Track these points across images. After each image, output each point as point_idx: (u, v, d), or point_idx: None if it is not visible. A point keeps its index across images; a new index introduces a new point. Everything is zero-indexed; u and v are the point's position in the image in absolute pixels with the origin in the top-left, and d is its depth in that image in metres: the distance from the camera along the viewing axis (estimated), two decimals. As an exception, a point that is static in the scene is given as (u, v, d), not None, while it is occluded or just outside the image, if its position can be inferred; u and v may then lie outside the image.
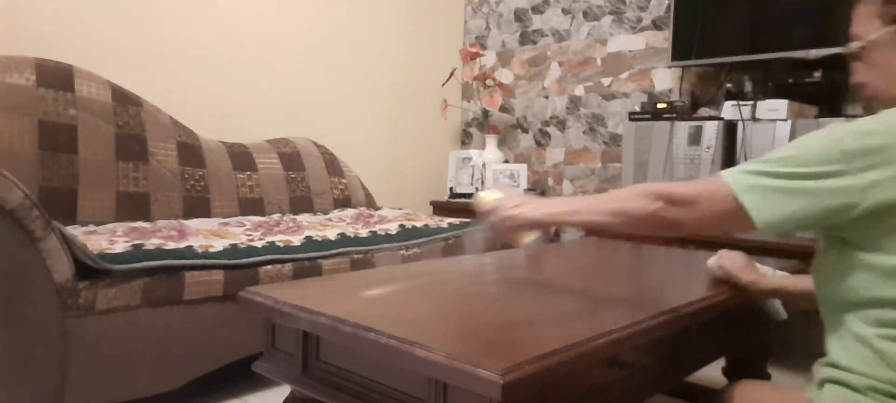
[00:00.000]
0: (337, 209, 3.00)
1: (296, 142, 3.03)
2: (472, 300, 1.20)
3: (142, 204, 2.36)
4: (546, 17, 3.63)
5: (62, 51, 2.35)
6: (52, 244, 1.50)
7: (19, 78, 2.13)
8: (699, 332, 1.33)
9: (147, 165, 2.40)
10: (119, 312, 1.62)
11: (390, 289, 1.26)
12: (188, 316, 1.76)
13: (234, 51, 2.92)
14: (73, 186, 2.19)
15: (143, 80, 2.58)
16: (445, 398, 0.91)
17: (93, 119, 2.28)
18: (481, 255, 1.75)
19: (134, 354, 1.66)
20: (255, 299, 1.19)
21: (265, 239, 2.04)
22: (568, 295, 1.25)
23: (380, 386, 1.01)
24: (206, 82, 2.83)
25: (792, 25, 2.51)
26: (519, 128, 3.77)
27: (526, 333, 0.98)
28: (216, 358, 1.84)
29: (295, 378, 1.16)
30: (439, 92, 3.71)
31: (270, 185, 2.82)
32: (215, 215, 2.58)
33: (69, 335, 1.53)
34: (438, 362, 0.85)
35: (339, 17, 3.32)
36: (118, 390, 1.64)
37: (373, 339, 0.95)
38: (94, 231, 1.97)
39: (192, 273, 1.75)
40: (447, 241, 2.49)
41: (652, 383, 1.20)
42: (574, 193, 3.51)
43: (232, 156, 2.74)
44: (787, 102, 2.33)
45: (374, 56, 3.50)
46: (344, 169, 3.17)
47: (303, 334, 1.14)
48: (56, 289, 1.51)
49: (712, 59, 2.76)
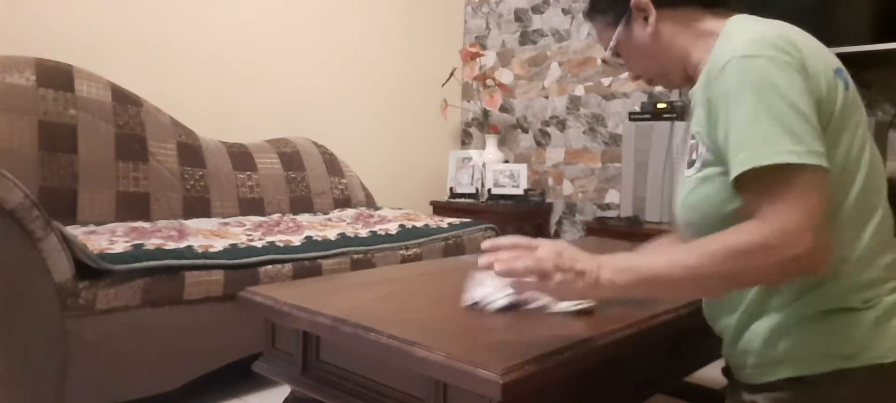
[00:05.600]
0: (337, 209, 3.00)
1: (296, 142, 3.03)
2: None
3: (142, 204, 2.36)
4: (546, 17, 3.63)
5: (62, 51, 2.35)
6: (52, 244, 1.50)
7: (19, 78, 2.13)
8: (699, 332, 1.33)
9: (147, 165, 2.40)
10: (119, 312, 1.62)
11: (390, 289, 1.26)
12: (188, 316, 1.76)
13: (235, 51, 2.92)
14: (73, 186, 2.19)
15: (143, 80, 2.58)
16: (445, 398, 0.91)
17: (93, 119, 2.28)
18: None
19: (134, 354, 1.65)
20: (255, 299, 1.19)
21: (265, 239, 2.04)
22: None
23: (380, 386, 1.01)
24: (206, 82, 2.83)
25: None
26: (519, 128, 3.77)
27: (526, 333, 0.98)
28: (216, 358, 1.84)
29: (295, 378, 1.16)
30: (439, 92, 3.71)
31: (270, 185, 2.82)
32: (215, 215, 2.57)
33: (69, 335, 1.53)
34: (438, 362, 0.85)
35: (340, 17, 3.32)
36: (118, 390, 1.64)
37: (373, 339, 0.95)
38: (94, 231, 1.97)
39: (192, 273, 1.75)
40: (447, 241, 2.48)
41: (652, 383, 1.20)
42: (574, 193, 3.51)
43: (232, 156, 2.74)
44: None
45: (374, 56, 3.50)
46: (344, 169, 3.17)
47: (303, 334, 1.14)
48: (56, 289, 1.51)
49: (712, 59, 2.75)
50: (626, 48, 1.07)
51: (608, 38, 1.08)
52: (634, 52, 1.07)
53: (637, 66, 1.10)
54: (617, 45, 1.07)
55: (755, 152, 0.80)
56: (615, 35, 1.06)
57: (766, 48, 0.83)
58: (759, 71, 0.82)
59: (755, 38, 0.85)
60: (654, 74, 1.09)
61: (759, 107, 0.81)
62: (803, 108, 0.81)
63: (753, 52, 0.83)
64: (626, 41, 1.06)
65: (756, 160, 0.79)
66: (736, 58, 0.84)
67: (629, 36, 1.05)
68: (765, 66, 0.82)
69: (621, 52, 1.08)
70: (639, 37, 1.04)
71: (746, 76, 0.82)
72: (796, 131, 0.79)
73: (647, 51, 1.04)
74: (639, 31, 1.03)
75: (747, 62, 0.83)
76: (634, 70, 1.11)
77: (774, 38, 0.85)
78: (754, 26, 0.90)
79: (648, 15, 1.02)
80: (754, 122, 0.80)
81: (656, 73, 1.09)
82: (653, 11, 1.01)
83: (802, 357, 0.88)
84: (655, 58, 1.05)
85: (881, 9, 2.33)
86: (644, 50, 1.05)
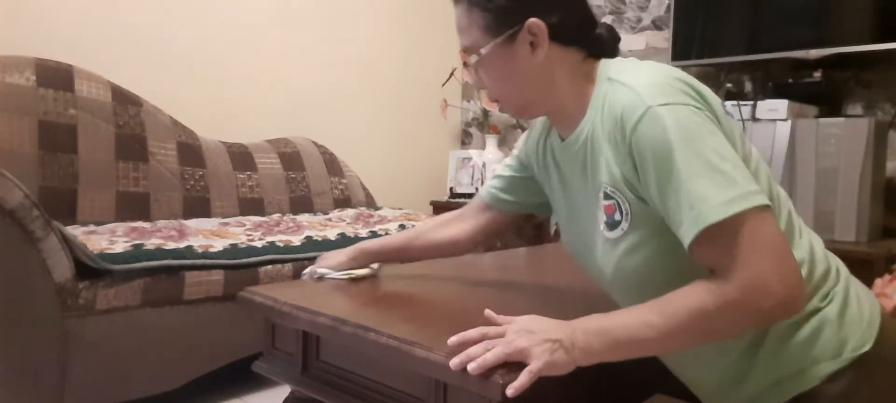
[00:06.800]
0: (337, 209, 2.99)
1: (296, 142, 3.03)
2: (471, 300, 1.20)
3: (142, 204, 2.36)
4: (546, 17, 3.62)
5: (62, 51, 2.35)
6: (52, 244, 1.50)
7: (19, 78, 2.13)
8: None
9: (147, 165, 2.40)
10: (119, 312, 1.62)
11: (390, 289, 1.26)
12: (188, 316, 1.76)
13: (234, 51, 2.92)
14: (73, 186, 2.19)
15: (143, 80, 2.58)
16: (445, 398, 0.91)
17: (93, 119, 2.28)
18: (481, 255, 1.75)
19: (134, 354, 1.66)
20: (255, 299, 1.19)
21: (265, 239, 2.04)
22: (568, 294, 1.25)
23: (380, 386, 1.01)
24: (206, 82, 2.83)
25: (792, 25, 2.50)
26: (519, 128, 3.77)
27: (526, 333, 0.98)
28: (216, 358, 1.84)
29: (295, 378, 1.16)
30: (439, 92, 3.71)
31: (270, 185, 2.82)
32: (215, 215, 2.57)
33: (69, 335, 1.53)
34: (438, 362, 0.85)
35: (340, 17, 3.32)
36: (118, 390, 1.64)
37: (373, 339, 0.95)
38: (94, 231, 1.97)
39: (192, 273, 1.75)
40: (447, 241, 2.48)
41: (652, 382, 1.20)
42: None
43: (232, 156, 2.74)
44: (786, 102, 2.32)
45: (374, 56, 3.50)
46: (344, 169, 3.17)
47: (303, 334, 1.14)
48: (56, 289, 1.51)
49: (712, 59, 2.75)
50: (495, 64, 0.94)
51: (478, 39, 0.94)
52: (504, 73, 0.95)
53: (499, 88, 0.98)
54: (487, 55, 0.93)
55: (703, 210, 0.76)
56: (491, 45, 0.93)
57: (676, 94, 0.81)
58: (681, 121, 0.79)
59: (656, 84, 0.82)
60: (515, 102, 0.99)
61: (694, 161, 0.77)
62: (728, 152, 0.79)
63: (667, 100, 0.80)
64: (498, 57, 0.93)
65: (706, 218, 0.75)
66: (653, 107, 0.79)
67: (506, 53, 0.93)
68: (685, 115, 0.79)
69: (486, 65, 0.95)
70: (518, 60, 0.93)
71: (670, 127, 0.78)
72: (733, 176, 0.77)
73: (521, 77, 0.94)
74: (521, 55, 0.92)
75: (666, 112, 0.79)
76: (493, 91, 0.99)
77: (674, 82, 0.83)
78: (643, 71, 0.86)
79: (538, 44, 0.91)
80: (693, 177, 0.77)
81: (518, 102, 0.99)
82: (546, 43, 0.92)
83: (794, 373, 0.86)
84: (527, 86, 0.95)
85: (881, 9, 2.33)
86: (517, 75, 0.94)
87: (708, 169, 0.77)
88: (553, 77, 0.94)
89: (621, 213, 0.88)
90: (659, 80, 0.83)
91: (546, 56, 0.92)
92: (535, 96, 0.96)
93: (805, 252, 0.88)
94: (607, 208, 0.89)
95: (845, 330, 0.87)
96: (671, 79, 0.83)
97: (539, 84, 0.94)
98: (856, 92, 2.56)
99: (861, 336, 0.87)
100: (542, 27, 0.91)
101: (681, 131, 0.78)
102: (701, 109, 0.81)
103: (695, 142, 0.78)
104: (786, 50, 2.50)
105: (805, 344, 0.86)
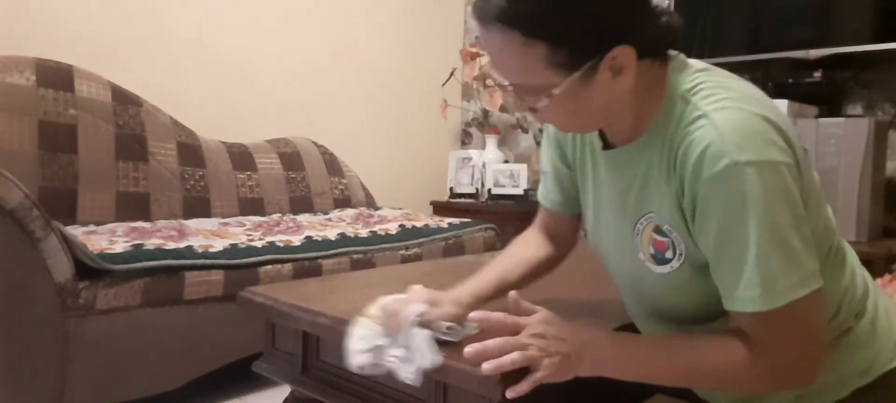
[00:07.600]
0: (337, 209, 2.99)
1: (296, 142, 3.03)
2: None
3: (142, 204, 2.36)
4: (546, 17, 3.62)
5: (62, 51, 2.35)
6: (52, 244, 1.50)
7: (19, 78, 2.13)
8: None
9: (147, 165, 2.40)
10: (119, 312, 1.62)
11: (390, 289, 1.26)
12: (188, 316, 1.76)
13: (235, 51, 2.92)
14: (73, 186, 2.19)
15: (143, 80, 2.57)
16: (445, 398, 0.91)
17: (93, 119, 2.28)
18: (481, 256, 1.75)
19: (134, 354, 1.65)
20: (255, 299, 1.19)
21: (265, 239, 2.04)
22: (567, 293, 1.25)
23: (380, 386, 1.01)
24: (206, 82, 2.83)
25: (792, 25, 2.50)
26: (519, 128, 3.77)
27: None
28: (216, 358, 1.84)
29: (295, 378, 1.16)
30: (439, 92, 3.71)
31: (270, 185, 2.82)
32: (215, 215, 2.57)
33: (69, 335, 1.53)
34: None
35: (340, 17, 3.32)
36: (118, 390, 1.64)
37: (373, 339, 0.95)
38: (94, 231, 1.97)
39: (192, 273, 1.75)
40: (447, 241, 2.48)
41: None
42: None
43: (232, 156, 2.74)
44: (787, 102, 2.32)
45: (374, 56, 3.50)
46: (344, 169, 3.17)
47: (303, 334, 1.14)
48: (56, 289, 1.51)
49: (712, 59, 2.73)
50: (565, 102, 0.79)
51: (541, 76, 0.76)
52: (577, 108, 0.80)
53: (566, 122, 0.86)
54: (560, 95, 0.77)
55: (766, 294, 0.72)
56: (566, 83, 0.76)
57: (765, 147, 0.73)
58: (765, 188, 0.72)
59: (745, 130, 0.73)
60: (582, 130, 0.90)
61: (767, 237, 0.72)
62: (802, 223, 0.74)
63: (755, 156, 0.72)
64: (572, 93, 0.77)
65: (765, 305, 0.73)
66: (740, 163, 0.71)
67: (581, 87, 0.77)
68: (771, 181, 0.72)
69: (555, 104, 0.79)
70: (596, 89, 0.77)
71: (750, 194, 0.72)
72: (801, 257, 0.73)
73: (596, 106, 0.80)
74: (600, 83, 0.77)
75: (752, 174, 0.71)
76: (557, 124, 0.88)
77: (764, 129, 0.74)
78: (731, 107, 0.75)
79: (624, 72, 0.77)
80: (762, 256, 0.72)
81: (585, 129, 0.90)
82: (633, 69, 0.77)
83: (819, 390, 0.85)
84: (602, 114, 0.83)
85: (881, 9, 2.33)
86: (591, 104, 0.80)
87: (778, 246, 0.72)
88: (625, 93, 0.81)
89: (674, 252, 0.83)
90: (748, 126, 0.73)
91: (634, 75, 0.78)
92: (604, 121, 0.86)
93: (848, 277, 0.87)
94: (658, 243, 0.84)
95: (875, 345, 0.86)
96: (761, 124, 0.74)
97: (613, 109, 0.83)
98: (856, 92, 2.56)
99: (891, 352, 0.86)
100: (630, 55, 0.76)
101: (762, 202, 0.72)
102: (788, 165, 0.74)
103: (773, 215, 0.72)
104: (786, 50, 2.50)
105: (834, 363, 0.84)
